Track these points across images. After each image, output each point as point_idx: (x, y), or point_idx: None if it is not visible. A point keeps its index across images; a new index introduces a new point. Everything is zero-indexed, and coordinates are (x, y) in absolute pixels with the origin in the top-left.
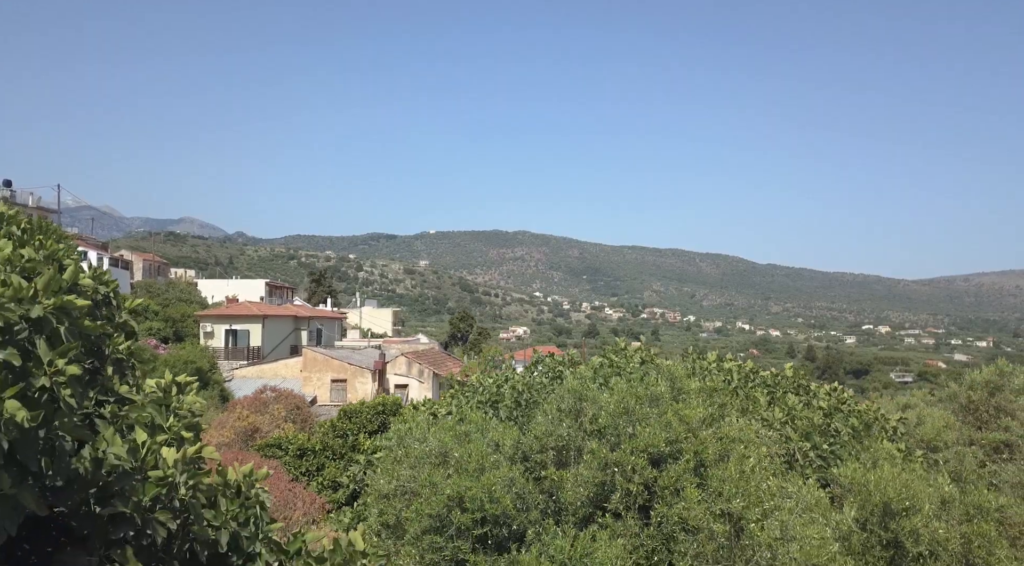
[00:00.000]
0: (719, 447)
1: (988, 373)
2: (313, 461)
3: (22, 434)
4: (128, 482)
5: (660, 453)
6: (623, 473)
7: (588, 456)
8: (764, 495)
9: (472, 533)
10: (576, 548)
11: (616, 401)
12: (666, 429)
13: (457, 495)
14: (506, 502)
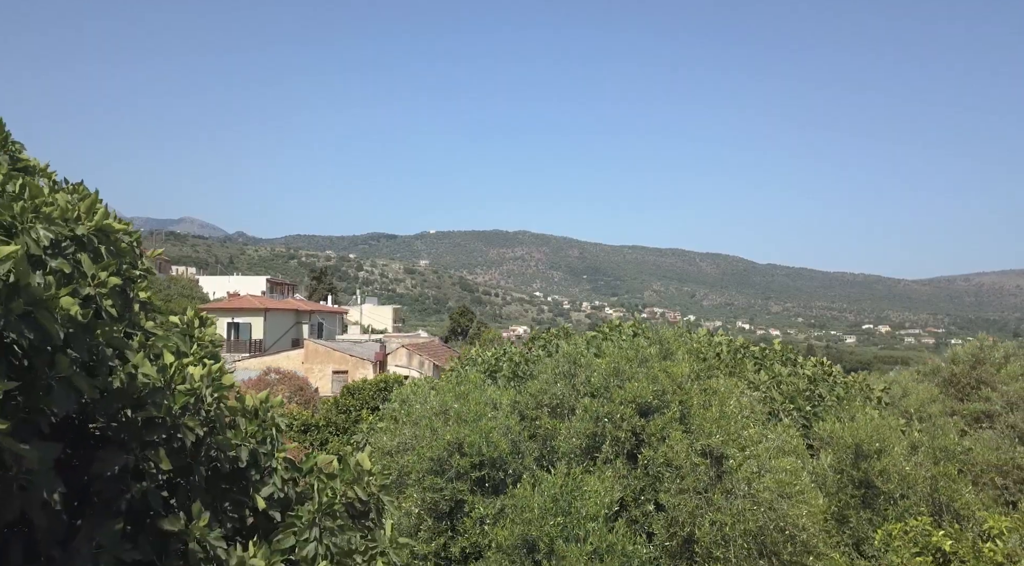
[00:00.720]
0: (703, 398)
1: (970, 347)
2: (316, 436)
3: (75, 327)
4: (159, 396)
5: (647, 404)
6: (612, 422)
7: (580, 411)
8: (745, 440)
9: (470, 476)
10: (567, 483)
11: (607, 363)
12: (653, 383)
13: (456, 441)
14: (503, 446)
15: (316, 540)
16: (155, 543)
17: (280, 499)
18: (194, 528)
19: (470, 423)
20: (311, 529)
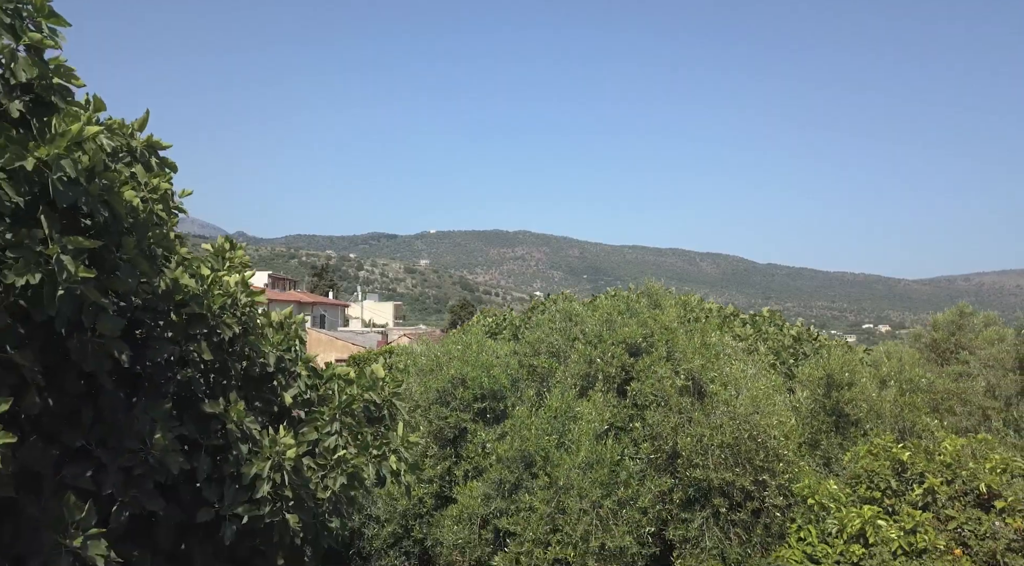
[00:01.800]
0: (688, 336)
1: (950, 314)
2: None
3: (135, 219)
4: (200, 299)
5: (637, 346)
6: (604, 360)
7: (575, 356)
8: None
9: (473, 407)
10: (563, 406)
11: (600, 315)
12: (643, 327)
13: (459, 376)
14: (503, 380)
15: (337, 433)
16: (198, 424)
17: (304, 400)
18: (232, 411)
19: (472, 362)
20: (332, 424)
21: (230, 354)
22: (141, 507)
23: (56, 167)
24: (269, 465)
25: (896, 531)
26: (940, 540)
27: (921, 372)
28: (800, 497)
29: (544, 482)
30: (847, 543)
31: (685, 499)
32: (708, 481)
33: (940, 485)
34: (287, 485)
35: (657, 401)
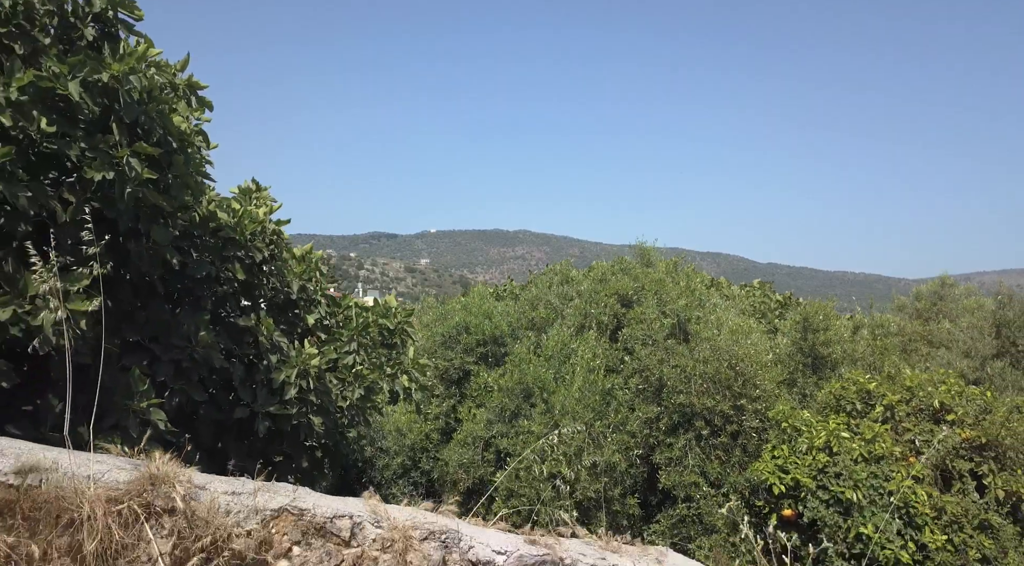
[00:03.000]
0: (676, 285)
1: (932, 285)
2: None
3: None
4: (232, 227)
5: (628, 297)
6: (597, 310)
7: (571, 309)
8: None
9: (476, 351)
10: (559, 345)
11: (595, 274)
12: (635, 280)
13: (463, 323)
14: (503, 326)
15: (354, 352)
16: (232, 336)
17: (324, 325)
18: (263, 325)
19: (474, 311)
20: (350, 344)
21: (260, 276)
22: (188, 396)
23: (125, 81)
24: (296, 372)
25: (858, 442)
26: (896, 448)
27: (892, 318)
28: (775, 421)
29: (541, 409)
30: (814, 453)
31: (670, 425)
32: (691, 407)
33: (899, 404)
34: (311, 391)
35: (645, 342)
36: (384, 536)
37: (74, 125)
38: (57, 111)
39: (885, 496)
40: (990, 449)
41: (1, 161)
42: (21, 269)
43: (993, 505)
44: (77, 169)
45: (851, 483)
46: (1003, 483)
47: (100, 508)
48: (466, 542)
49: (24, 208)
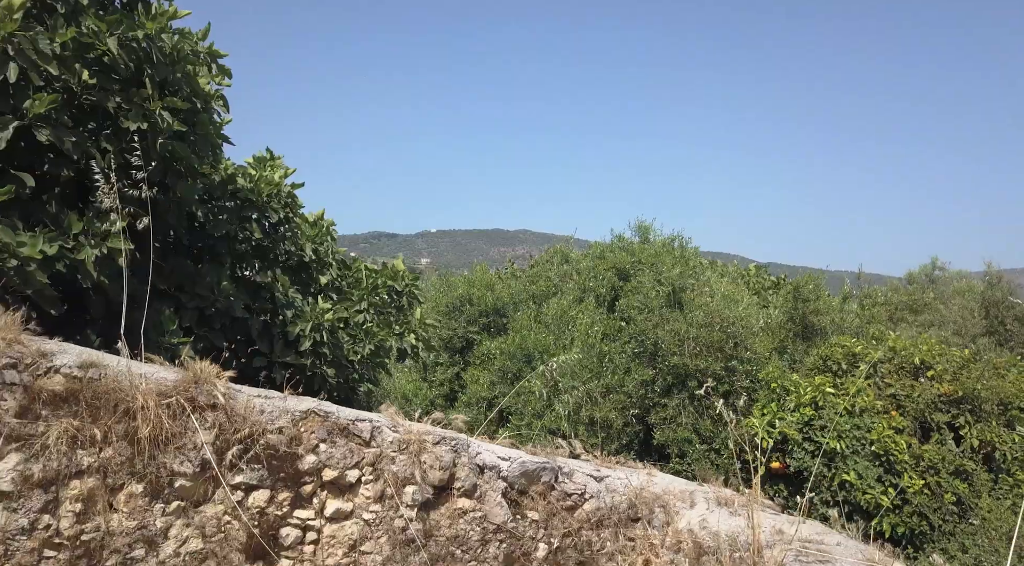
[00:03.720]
0: (672, 257)
1: (925, 269)
2: None
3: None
4: (250, 192)
5: (625, 271)
6: (596, 282)
7: (571, 284)
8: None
9: (479, 321)
10: (559, 313)
11: (594, 251)
12: (632, 255)
13: (467, 295)
14: (505, 298)
15: (365, 311)
16: (250, 292)
17: (336, 286)
18: (278, 282)
19: (477, 284)
20: (361, 303)
21: (276, 237)
22: (210, 343)
23: (157, 39)
24: (310, 326)
25: (842, 397)
26: (878, 402)
27: (880, 288)
28: (765, 381)
29: (542, 370)
30: (801, 409)
31: (665, 387)
32: (684, 368)
33: (881, 362)
34: (325, 343)
35: (641, 309)
36: (401, 439)
37: (111, 79)
38: (96, 65)
39: (867, 446)
40: (967, 402)
41: (48, 108)
42: (65, 210)
43: (968, 453)
44: (114, 121)
45: (835, 434)
46: (978, 433)
47: (152, 400)
48: (474, 448)
49: (69, 152)
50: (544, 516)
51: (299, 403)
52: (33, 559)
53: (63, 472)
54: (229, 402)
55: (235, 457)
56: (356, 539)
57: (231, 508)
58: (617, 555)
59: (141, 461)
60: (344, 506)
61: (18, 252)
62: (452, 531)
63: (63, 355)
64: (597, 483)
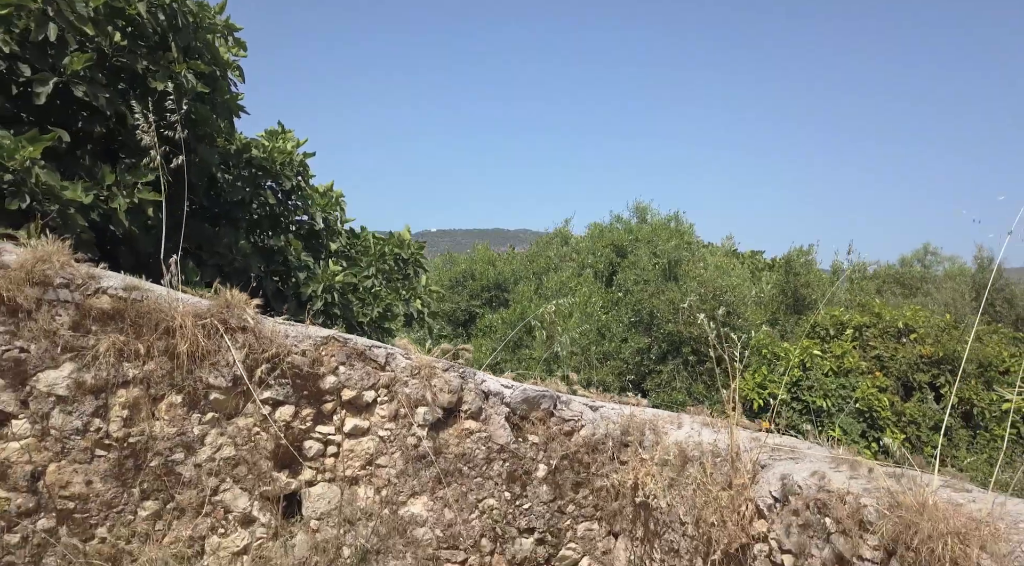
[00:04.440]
0: (667, 231)
1: (917, 254)
2: None
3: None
4: (264, 161)
5: (623, 247)
6: (594, 258)
7: (569, 263)
8: (698, 256)
9: (481, 296)
10: (558, 285)
11: (593, 232)
12: (629, 233)
13: (469, 270)
14: (506, 273)
15: (373, 277)
16: (264, 255)
17: (345, 254)
18: (291, 246)
19: (479, 259)
20: (369, 268)
21: (289, 203)
22: None
23: (182, 4)
24: (322, 287)
25: (829, 358)
26: (863, 363)
27: (869, 261)
28: (756, 347)
29: (542, 338)
30: (791, 372)
31: (660, 354)
32: (679, 335)
33: (867, 326)
34: (336, 304)
35: (637, 282)
36: (413, 365)
37: (139, 42)
38: (127, 28)
39: (852, 404)
40: (947, 363)
41: (84, 66)
42: (98, 163)
43: (948, 410)
44: (142, 81)
45: (821, 393)
46: (957, 392)
47: (189, 321)
48: (480, 377)
49: (103, 108)
50: (544, 439)
51: (319, 331)
52: (86, 456)
53: (111, 381)
54: (257, 325)
55: (263, 374)
56: (372, 453)
57: (260, 420)
58: (611, 475)
59: (180, 374)
60: (361, 423)
61: (61, 195)
62: (460, 449)
63: (109, 278)
64: (592, 412)
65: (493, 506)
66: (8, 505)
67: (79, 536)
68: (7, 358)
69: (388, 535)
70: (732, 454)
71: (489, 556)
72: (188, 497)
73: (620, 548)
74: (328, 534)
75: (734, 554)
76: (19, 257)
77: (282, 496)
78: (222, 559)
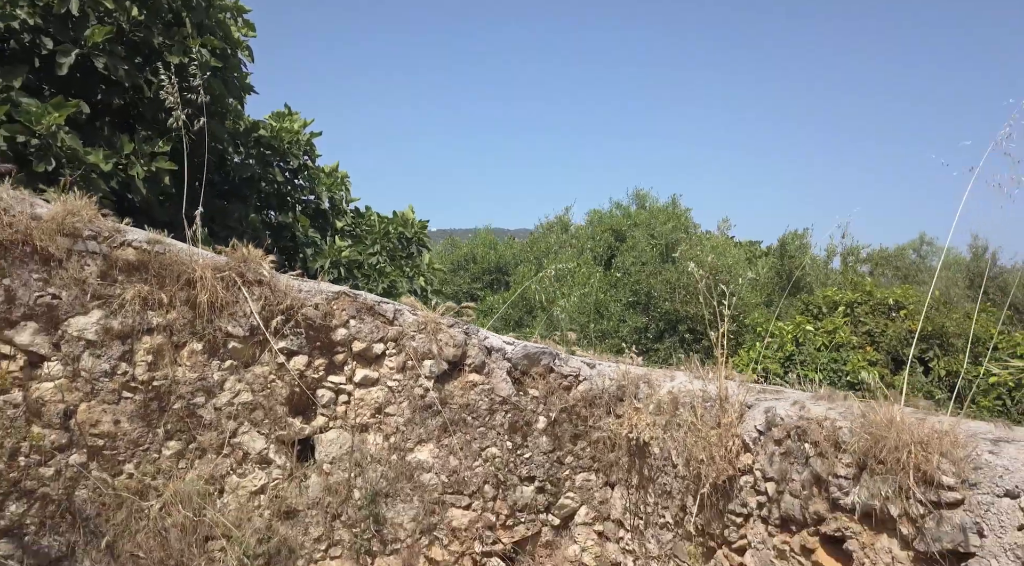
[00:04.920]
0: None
1: (913, 244)
2: None
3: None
4: (272, 139)
5: (622, 232)
6: (594, 241)
7: (568, 247)
8: (695, 239)
9: (482, 278)
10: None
11: (591, 218)
12: (628, 217)
13: (471, 253)
14: (507, 256)
15: (377, 254)
16: (273, 231)
17: (351, 232)
18: (299, 222)
19: (481, 243)
20: (374, 245)
21: (296, 182)
22: None
23: None
24: (329, 262)
25: (821, 334)
26: (854, 338)
27: (863, 243)
28: (751, 326)
29: (542, 318)
30: (782, 347)
31: (657, 332)
32: (675, 313)
33: (858, 303)
34: (343, 279)
35: (635, 263)
36: (419, 321)
37: (156, 17)
38: (144, 3)
39: (843, 377)
40: (935, 338)
41: (104, 38)
42: (116, 133)
43: (936, 382)
44: (158, 55)
45: (813, 367)
46: (945, 365)
47: (208, 273)
48: (483, 333)
49: (122, 79)
50: (543, 393)
51: (331, 286)
52: (114, 397)
53: (136, 328)
54: (273, 279)
55: (279, 325)
56: (381, 402)
57: (276, 368)
58: (608, 427)
59: (200, 323)
60: (371, 374)
61: (84, 159)
62: (464, 400)
63: (133, 232)
64: (590, 369)
65: (495, 455)
66: (43, 440)
67: (108, 471)
68: (40, 303)
69: (396, 479)
70: (721, 395)
71: (492, 502)
72: (209, 438)
73: (616, 497)
74: (340, 477)
75: (721, 486)
76: (50, 210)
77: (296, 440)
78: (241, 497)
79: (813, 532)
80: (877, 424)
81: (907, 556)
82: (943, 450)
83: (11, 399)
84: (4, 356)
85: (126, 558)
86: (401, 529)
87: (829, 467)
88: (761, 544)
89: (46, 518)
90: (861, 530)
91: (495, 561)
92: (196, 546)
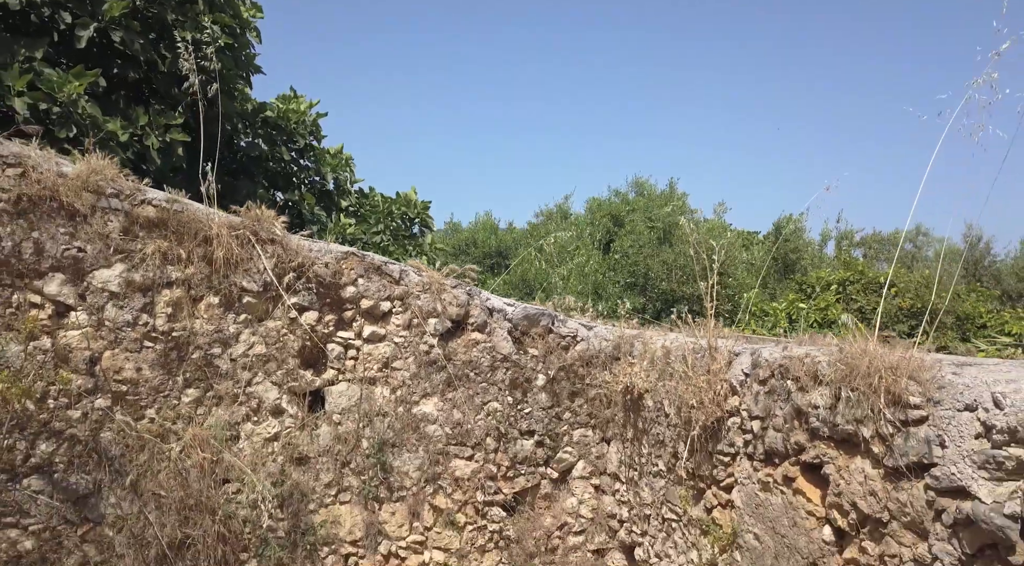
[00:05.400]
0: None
1: (909, 235)
2: None
3: (242, 27)
4: (279, 119)
5: (621, 217)
6: (593, 227)
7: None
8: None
9: (483, 263)
10: (555, 249)
11: (591, 206)
12: (626, 204)
13: (471, 238)
14: (508, 241)
15: (381, 232)
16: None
17: (355, 212)
18: (305, 199)
19: (481, 228)
20: (378, 224)
21: (302, 162)
22: None
23: None
24: (333, 239)
25: (814, 311)
26: (844, 315)
27: (857, 228)
28: (745, 304)
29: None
30: (777, 324)
31: (655, 313)
32: (672, 293)
33: (850, 283)
34: None
35: (633, 246)
36: (424, 281)
37: None
38: None
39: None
40: (925, 314)
41: (122, 12)
42: (132, 105)
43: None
44: (170, 31)
45: None
46: (934, 341)
47: (224, 230)
48: (485, 295)
49: (137, 53)
50: (543, 352)
51: (340, 247)
52: (136, 346)
53: (157, 282)
54: (284, 238)
55: (291, 281)
56: (388, 357)
57: (288, 322)
58: (604, 385)
59: (217, 278)
60: (379, 330)
61: (104, 126)
62: (467, 357)
63: (153, 191)
64: (587, 330)
65: (497, 409)
66: (70, 384)
67: (131, 415)
68: (67, 256)
69: (403, 430)
70: (710, 343)
71: (493, 453)
72: (225, 387)
73: (612, 451)
74: (349, 427)
75: (711, 427)
76: (75, 168)
77: (308, 392)
78: (255, 444)
79: (794, 462)
80: (852, 354)
81: (877, 473)
82: (911, 373)
83: (40, 345)
84: (34, 305)
85: (148, 496)
86: (407, 477)
87: (809, 399)
88: (747, 479)
89: (74, 457)
90: (837, 455)
91: (496, 510)
92: (215, 487)
